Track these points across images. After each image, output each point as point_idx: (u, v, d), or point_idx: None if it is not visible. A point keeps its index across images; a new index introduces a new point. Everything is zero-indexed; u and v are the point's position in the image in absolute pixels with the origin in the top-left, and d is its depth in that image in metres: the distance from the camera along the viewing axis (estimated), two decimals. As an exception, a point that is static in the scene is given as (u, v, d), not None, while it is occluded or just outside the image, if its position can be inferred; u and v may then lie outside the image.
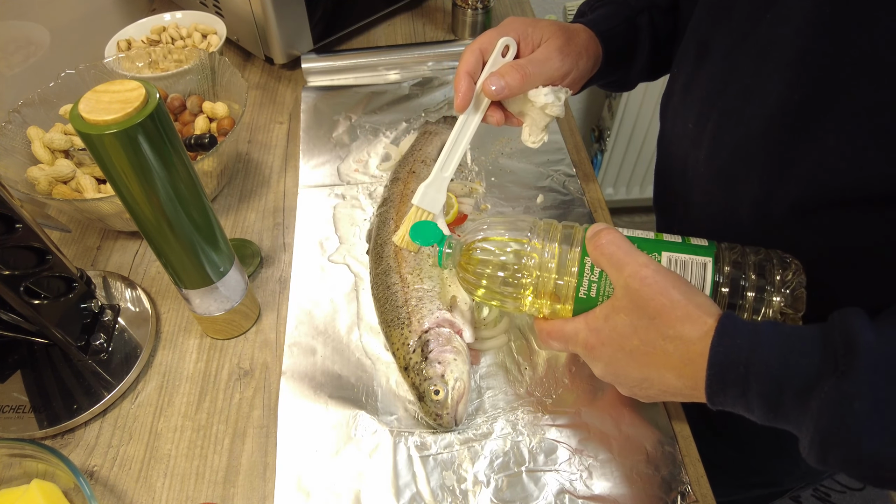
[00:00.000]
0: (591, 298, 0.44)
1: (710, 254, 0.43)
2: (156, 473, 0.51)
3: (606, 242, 0.42)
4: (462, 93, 0.52)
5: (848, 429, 0.32)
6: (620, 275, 0.41)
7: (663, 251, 0.44)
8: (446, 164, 0.55)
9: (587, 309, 0.44)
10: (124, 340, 0.59)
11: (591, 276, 0.44)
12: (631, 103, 1.55)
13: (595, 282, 0.44)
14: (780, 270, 0.42)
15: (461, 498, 0.48)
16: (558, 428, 0.51)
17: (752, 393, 0.35)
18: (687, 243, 0.44)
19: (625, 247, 0.41)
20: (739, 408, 0.37)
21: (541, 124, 0.54)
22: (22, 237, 0.48)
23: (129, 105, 0.39)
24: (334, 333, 0.59)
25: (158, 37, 0.87)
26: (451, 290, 0.55)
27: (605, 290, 0.44)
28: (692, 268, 0.43)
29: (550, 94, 0.51)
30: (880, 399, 0.31)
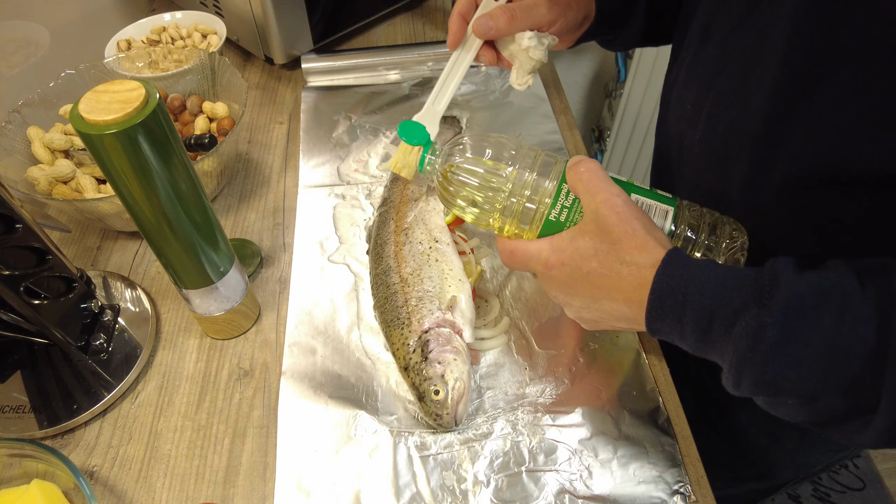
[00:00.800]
0: (560, 223, 0.46)
1: (673, 205, 0.46)
2: (156, 473, 0.51)
3: (585, 170, 0.44)
4: (453, 31, 0.56)
5: (759, 354, 0.34)
6: (593, 200, 0.43)
7: (632, 192, 0.46)
8: (438, 98, 0.57)
9: (553, 233, 0.46)
10: (124, 340, 0.59)
11: (564, 201, 0.46)
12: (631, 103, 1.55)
13: (567, 207, 0.46)
14: (728, 234, 0.45)
15: (461, 498, 0.48)
16: (558, 428, 0.51)
17: (687, 320, 0.38)
18: (654, 192, 0.47)
19: (601, 175, 0.44)
20: (675, 336, 0.39)
21: (526, 67, 0.57)
22: (22, 237, 0.48)
23: (129, 105, 0.39)
24: (334, 333, 0.59)
25: (158, 37, 0.87)
26: (452, 290, 0.55)
27: (574, 217, 0.46)
28: (655, 212, 0.46)
29: (534, 38, 0.54)
30: (789, 328, 0.34)
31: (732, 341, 0.36)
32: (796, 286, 0.35)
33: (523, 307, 0.60)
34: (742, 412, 0.64)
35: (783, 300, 0.34)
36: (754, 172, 0.46)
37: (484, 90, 0.84)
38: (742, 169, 0.47)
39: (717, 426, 0.62)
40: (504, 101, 0.83)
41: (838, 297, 0.34)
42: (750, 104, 0.45)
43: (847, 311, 0.33)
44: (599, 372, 0.55)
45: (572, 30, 0.59)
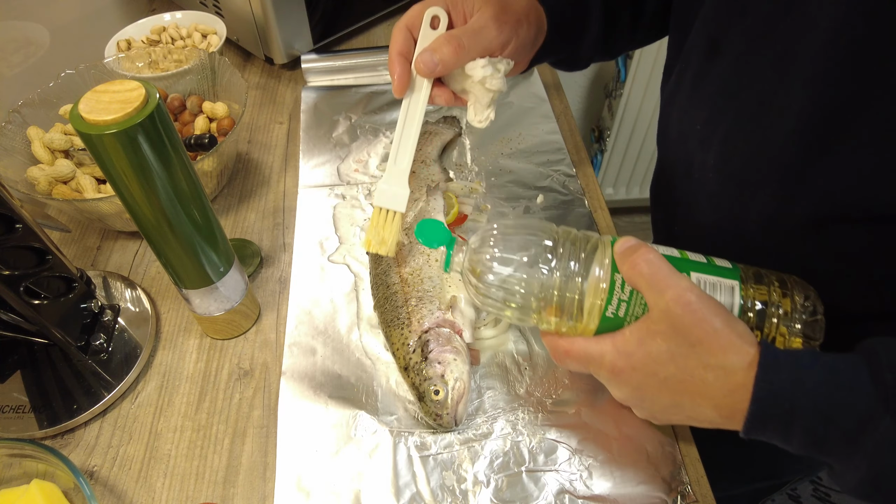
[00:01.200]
0: (619, 318, 0.41)
1: (736, 276, 0.42)
2: (156, 473, 0.51)
3: (644, 262, 0.39)
4: (398, 76, 0.48)
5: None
6: (661, 297, 0.38)
7: (692, 271, 0.42)
8: (399, 156, 0.50)
9: (612, 328, 0.42)
10: (124, 340, 0.59)
11: (621, 294, 0.41)
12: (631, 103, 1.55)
13: (625, 301, 0.41)
14: (800, 296, 0.41)
15: (461, 498, 0.48)
16: (558, 428, 0.51)
17: (796, 428, 0.35)
18: (712, 264, 0.43)
19: (664, 267, 0.39)
20: (776, 439, 0.37)
21: (484, 101, 0.50)
22: (22, 237, 0.48)
23: (129, 105, 0.39)
24: (334, 333, 0.59)
25: (158, 37, 0.87)
26: (451, 290, 0.55)
27: (635, 311, 0.41)
28: (721, 290, 0.41)
29: (488, 65, 0.47)
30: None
31: (864, 454, 0.33)
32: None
33: (523, 307, 0.60)
34: None
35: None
36: (778, 204, 0.44)
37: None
38: (764, 200, 0.45)
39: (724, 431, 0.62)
40: (504, 101, 0.83)
41: None
42: (772, 133, 0.43)
43: None
44: (599, 372, 0.55)
45: (527, 49, 0.52)
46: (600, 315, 0.41)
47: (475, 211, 0.69)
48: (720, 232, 0.51)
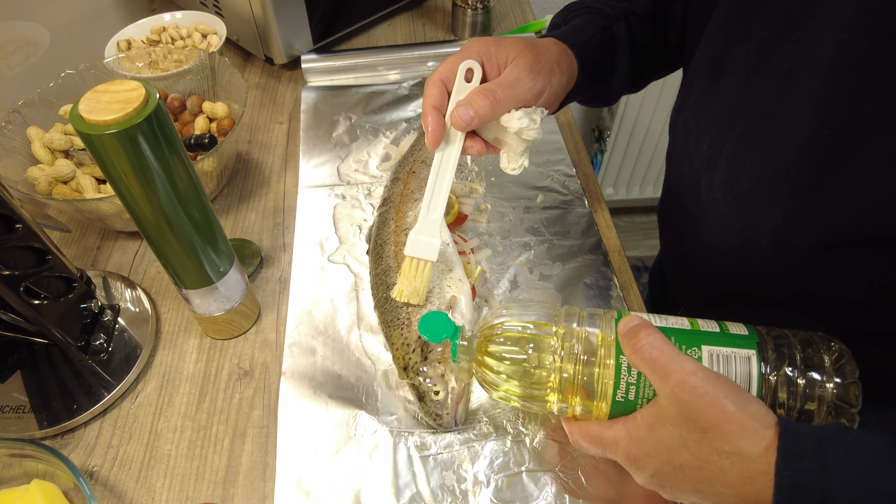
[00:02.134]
0: (630, 401, 0.40)
1: (753, 345, 0.39)
2: (156, 473, 0.51)
3: (646, 346, 0.38)
4: (432, 129, 0.48)
5: None
6: (666, 383, 0.37)
7: (703, 345, 0.40)
8: (432, 206, 0.51)
9: (625, 411, 0.40)
10: (124, 340, 0.59)
11: (628, 377, 0.40)
12: (631, 103, 1.55)
13: (633, 384, 0.39)
14: (829, 356, 0.38)
15: (461, 498, 0.48)
16: (559, 428, 0.51)
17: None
18: (725, 332, 0.40)
19: (668, 351, 0.37)
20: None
21: (518, 150, 0.50)
22: (22, 237, 0.48)
23: (129, 105, 0.39)
24: (334, 333, 0.59)
25: (158, 37, 0.87)
26: (451, 290, 0.55)
27: (645, 393, 0.40)
28: (736, 363, 0.39)
29: (524, 117, 0.48)
30: None
31: None
32: None
33: (523, 307, 0.60)
34: None
35: None
36: (788, 225, 0.44)
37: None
38: (773, 219, 0.44)
39: None
40: (504, 101, 0.83)
41: None
42: (779, 153, 0.43)
43: None
44: (599, 372, 0.55)
45: (559, 94, 0.53)
46: (611, 401, 0.40)
47: (475, 211, 0.69)
48: (730, 252, 0.51)
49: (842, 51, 0.37)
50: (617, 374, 0.40)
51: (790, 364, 0.38)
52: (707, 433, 0.35)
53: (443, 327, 0.46)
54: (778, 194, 0.44)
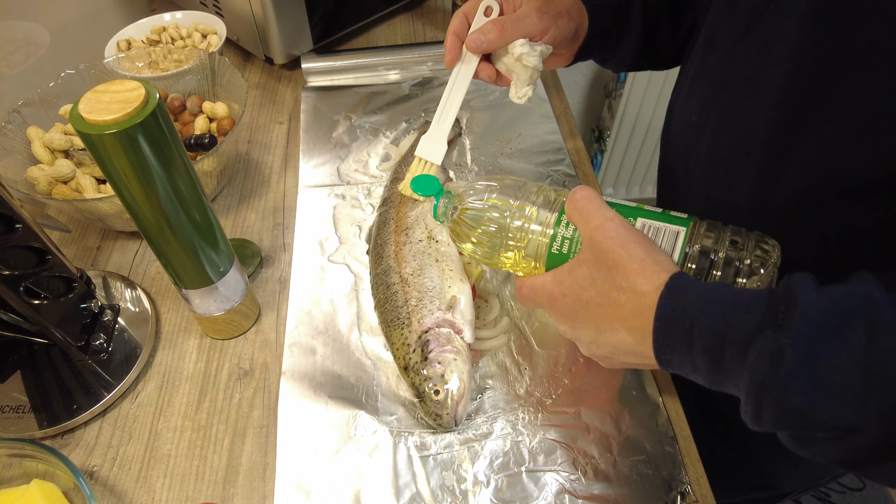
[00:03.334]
0: (563, 255, 0.46)
1: (686, 225, 0.43)
2: (155, 473, 0.51)
3: (581, 197, 0.43)
4: (449, 50, 0.58)
5: (779, 380, 0.31)
6: (587, 227, 0.42)
7: (640, 217, 0.44)
8: (442, 117, 0.61)
9: (558, 265, 0.45)
10: (124, 340, 0.59)
11: (564, 232, 0.46)
12: (631, 103, 1.55)
13: (568, 238, 0.45)
14: (754, 250, 0.42)
15: (461, 498, 0.48)
16: (558, 428, 0.51)
17: (697, 348, 0.35)
18: (666, 214, 0.45)
19: (596, 202, 0.42)
20: (687, 367, 0.37)
21: (523, 78, 0.57)
22: (22, 237, 0.48)
23: (129, 105, 0.39)
24: (334, 333, 0.59)
25: (158, 37, 0.87)
26: (452, 289, 0.55)
27: (576, 248, 0.45)
28: (664, 234, 0.43)
29: (526, 45, 0.55)
30: (811, 351, 0.31)
31: (747, 368, 0.33)
32: (817, 303, 0.32)
33: (523, 307, 0.60)
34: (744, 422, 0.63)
35: (802, 319, 0.31)
36: (763, 182, 0.45)
37: (484, 91, 0.84)
38: (751, 179, 0.46)
39: (719, 432, 0.62)
40: (504, 101, 0.83)
41: (866, 314, 0.30)
42: (756, 114, 0.44)
43: (878, 329, 0.30)
44: (599, 372, 0.55)
45: (566, 40, 0.58)
46: (548, 253, 0.47)
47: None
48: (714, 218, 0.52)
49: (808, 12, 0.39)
50: (556, 228, 0.46)
51: (714, 248, 0.42)
52: (612, 270, 0.39)
53: (432, 186, 0.57)
54: (753, 154, 0.45)
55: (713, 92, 0.50)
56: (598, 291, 0.40)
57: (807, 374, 0.31)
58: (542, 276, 0.46)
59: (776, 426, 0.33)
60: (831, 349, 0.30)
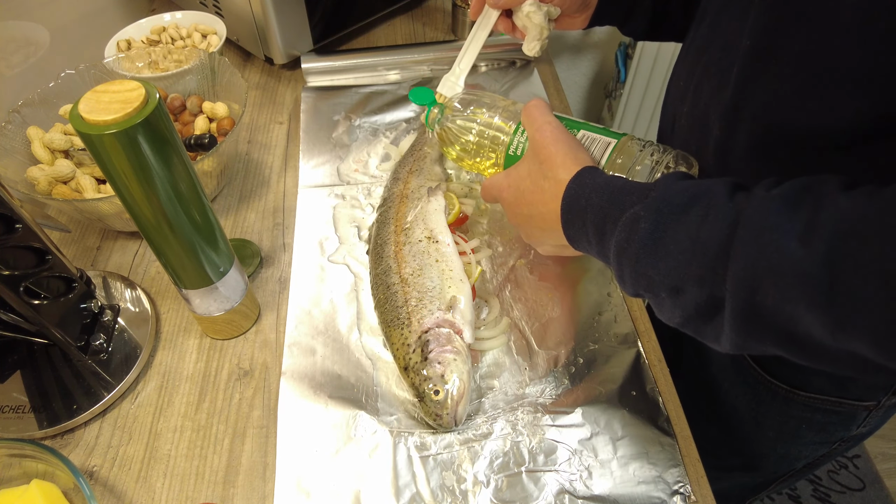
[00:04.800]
0: (517, 156, 0.55)
1: (617, 138, 0.52)
2: (155, 473, 0.51)
3: (531, 105, 0.52)
4: (474, 4, 0.65)
5: (632, 245, 0.38)
6: (531, 128, 0.51)
7: (581, 129, 0.54)
8: (463, 61, 0.67)
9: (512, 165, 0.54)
10: (124, 340, 0.59)
11: (520, 137, 0.56)
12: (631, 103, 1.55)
13: (522, 143, 0.55)
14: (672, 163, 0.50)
15: (461, 498, 0.48)
16: (558, 428, 0.51)
17: (588, 223, 0.43)
18: (606, 129, 0.53)
19: (542, 109, 0.52)
20: (583, 241, 0.45)
21: (534, 34, 0.63)
22: (22, 237, 0.48)
23: (129, 105, 0.39)
24: (334, 333, 0.59)
25: (158, 37, 0.87)
26: (451, 290, 0.55)
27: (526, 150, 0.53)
28: (597, 143, 0.52)
29: (534, 4, 0.62)
30: (659, 223, 0.37)
31: (615, 237, 0.40)
32: (673, 188, 0.39)
33: (523, 307, 0.60)
34: (727, 396, 0.65)
35: (658, 198, 0.38)
36: (724, 136, 0.48)
37: (486, 89, 0.84)
38: (715, 134, 0.49)
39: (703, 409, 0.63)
40: (504, 101, 0.83)
41: (707, 199, 0.37)
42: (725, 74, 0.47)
43: (711, 210, 0.36)
44: (599, 372, 0.55)
45: (575, 4, 0.64)
46: (506, 154, 0.57)
47: (476, 211, 0.69)
48: None
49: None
50: (514, 135, 0.56)
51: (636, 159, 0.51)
52: (542, 164, 0.48)
53: (427, 98, 0.67)
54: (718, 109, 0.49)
55: (697, 57, 0.53)
56: (532, 181, 0.49)
57: (651, 241, 0.38)
58: (498, 175, 0.54)
59: (634, 287, 0.41)
60: (673, 223, 0.37)
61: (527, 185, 0.50)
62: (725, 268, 0.34)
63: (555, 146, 0.48)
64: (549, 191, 0.47)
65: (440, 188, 0.65)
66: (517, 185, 0.51)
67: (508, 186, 0.52)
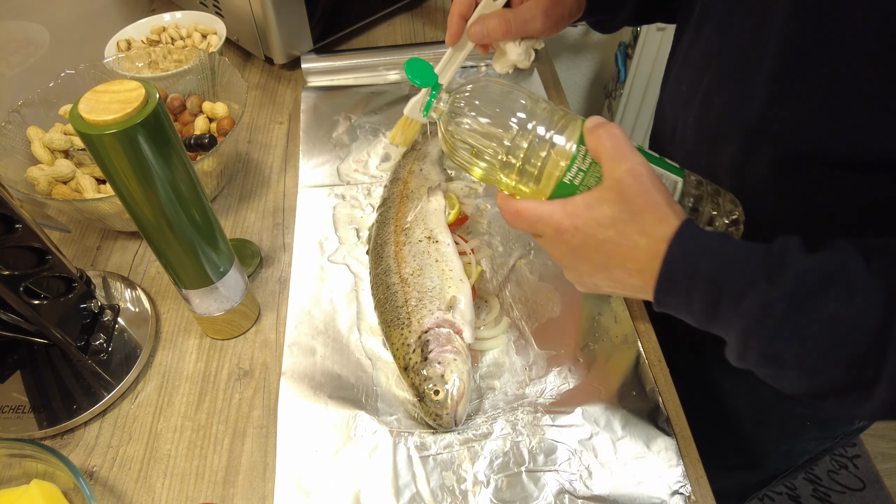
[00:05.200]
0: (573, 186, 0.45)
1: (682, 176, 0.46)
2: (155, 473, 0.51)
3: (608, 136, 0.43)
4: (452, 31, 0.59)
5: (766, 328, 0.36)
6: (617, 168, 0.42)
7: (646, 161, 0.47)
8: None
9: (564, 195, 0.45)
10: (124, 340, 0.59)
11: (581, 164, 0.44)
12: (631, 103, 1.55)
13: (583, 171, 0.44)
14: (727, 206, 0.47)
15: (461, 498, 0.48)
16: (558, 428, 0.51)
17: (696, 292, 0.38)
18: (663, 160, 0.47)
19: (626, 142, 0.43)
20: (681, 309, 0.40)
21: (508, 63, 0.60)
22: (22, 237, 0.48)
23: (129, 105, 0.39)
24: (334, 333, 0.59)
25: (158, 37, 0.87)
26: (451, 290, 0.55)
27: (588, 182, 0.44)
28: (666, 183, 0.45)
29: (523, 53, 0.58)
30: (795, 305, 0.35)
31: (740, 316, 0.37)
32: (804, 264, 0.36)
33: (523, 307, 0.60)
34: (728, 396, 0.65)
35: (791, 277, 0.35)
36: (744, 154, 0.47)
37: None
38: (731, 151, 0.48)
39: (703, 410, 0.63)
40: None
41: (845, 276, 0.35)
42: (745, 87, 0.45)
43: (853, 289, 0.34)
44: (599, 372, 0.55)
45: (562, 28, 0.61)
46: (558, 181, 0.45)
47: (475, 211, 0.69)
48: None
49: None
50: (572, 160, 0.44)
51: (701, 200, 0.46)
52: (636, 216, 0.41)
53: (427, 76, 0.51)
54: (736, 126, 0.47)
55: (704, 62, 0.51)
56: (619, 232, 0.41)
57: (788, 325, 0.35)
58: (547, 205, 0.44)
59: (757, 366, 0.38)
60: (812, 305, 0.35)
61: (609, 236, 0.42)
62: (883, 353, 0.33)
63: (652, 196, 0.41)
64: (644, 248, 0.41)
65: (440, 188, 0.65)
66: (591, 231, 0.43)
67: (574, 228, 0.43)
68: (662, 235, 0.40)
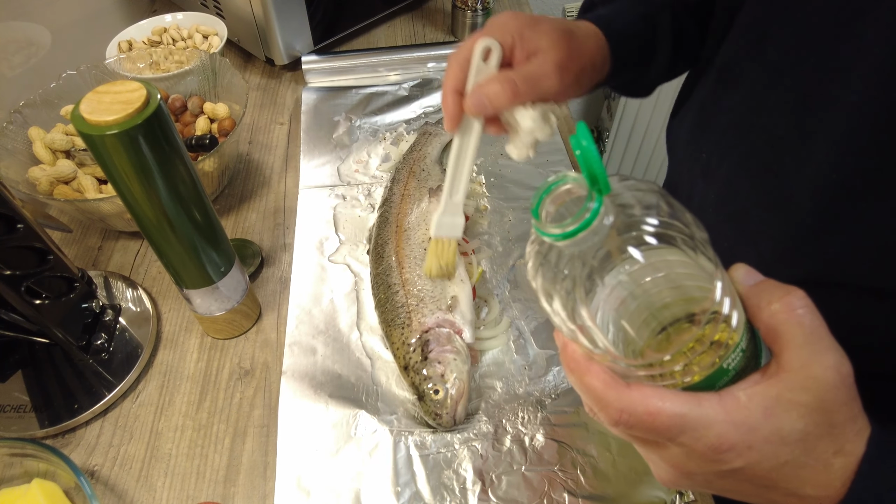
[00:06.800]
0: (727, 372, 0.29)
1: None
2: (156, 473, 0.51)
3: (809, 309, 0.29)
4: (449, 113, 0.44)
5: None
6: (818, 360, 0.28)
7: None
8: (454, 188, 0.48)
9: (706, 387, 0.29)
10: (125, 340, 0.59)
11: (742, 342, 0.29)
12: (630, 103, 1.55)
13: (742, 351, 0.29)
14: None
15: (461, 497, 0.48)
16: (558, 428, 0.51)
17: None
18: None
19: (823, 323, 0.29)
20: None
21: (527, 141, 0.45)
22: (23, 237, 0.49)
23: (131, 106, 0.39)
24: (334, 333, 0.59)
25: (159, 38, 0.88)
26: (452, 290, 0.56)
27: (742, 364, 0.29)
28: None
29: (538, 118, 0.43)
30: None
31: None
32: None
33: (523, 307, 0.60)
34: None
35: None
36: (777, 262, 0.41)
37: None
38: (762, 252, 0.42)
39: None
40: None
41: None
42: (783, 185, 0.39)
43: None
44: (599, 372, 0.55)
45: (586, 90, 0.48)
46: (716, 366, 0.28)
47: (475, 212, 0.69)
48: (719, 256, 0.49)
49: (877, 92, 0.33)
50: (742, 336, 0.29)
51: None
52: (835, 429, 0.28)
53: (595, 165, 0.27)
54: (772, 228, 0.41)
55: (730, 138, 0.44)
56: (806, 451, 0.28)
57: None
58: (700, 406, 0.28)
59: None
60: None
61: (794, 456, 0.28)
62: None
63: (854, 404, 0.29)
64: (839, 469, 0.28)
65: (440, 188, 0.65)
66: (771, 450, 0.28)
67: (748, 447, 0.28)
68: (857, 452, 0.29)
